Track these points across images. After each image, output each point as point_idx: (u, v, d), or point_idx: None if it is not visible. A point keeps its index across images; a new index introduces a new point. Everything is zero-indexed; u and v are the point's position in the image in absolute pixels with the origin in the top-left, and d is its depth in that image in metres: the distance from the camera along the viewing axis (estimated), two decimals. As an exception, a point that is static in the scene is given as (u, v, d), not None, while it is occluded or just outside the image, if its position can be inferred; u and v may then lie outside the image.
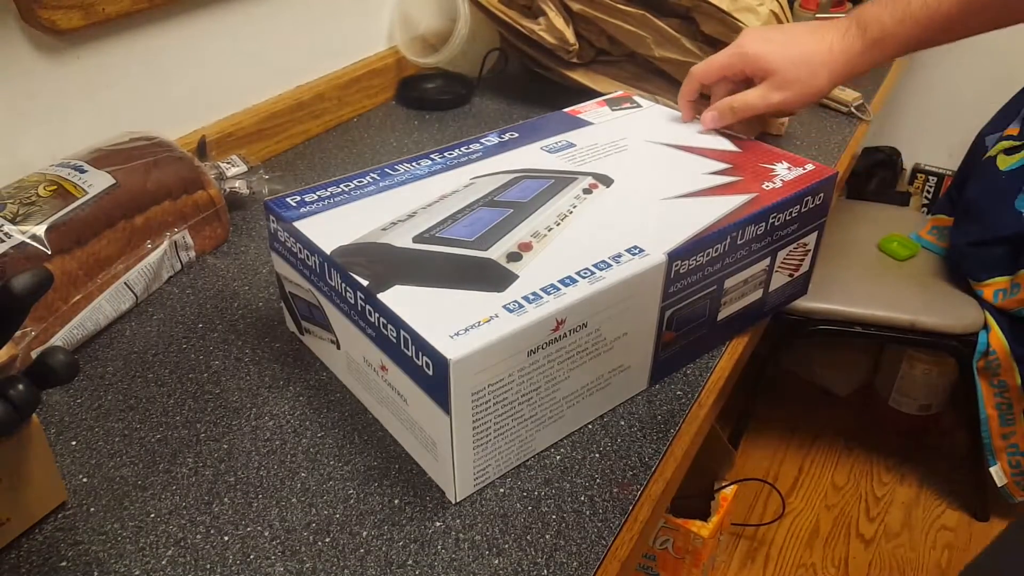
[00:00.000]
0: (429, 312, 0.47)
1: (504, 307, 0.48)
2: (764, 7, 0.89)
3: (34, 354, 0.56)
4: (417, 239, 0.54)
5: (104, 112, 0.77)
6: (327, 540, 0.48)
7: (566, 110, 0.76)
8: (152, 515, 0.50)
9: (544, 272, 0.51)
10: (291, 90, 0.96)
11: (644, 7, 0.91)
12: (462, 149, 0.68)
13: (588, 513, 0.50)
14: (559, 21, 0.96)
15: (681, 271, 0.55)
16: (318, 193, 0.60)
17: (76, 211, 0.62)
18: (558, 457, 0.54)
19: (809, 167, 0.64)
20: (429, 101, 1.06)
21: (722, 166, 0.65)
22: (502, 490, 0.51)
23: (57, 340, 0.60)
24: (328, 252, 0.53)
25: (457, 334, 0.46)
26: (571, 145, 0.68)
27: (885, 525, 1.50)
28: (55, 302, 0.60)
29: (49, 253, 0.60)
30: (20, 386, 0.42)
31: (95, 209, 0.64)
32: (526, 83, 1.11)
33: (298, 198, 0.60)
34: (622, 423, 0.57)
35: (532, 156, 0.66)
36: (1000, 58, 1.87)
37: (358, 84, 1.03)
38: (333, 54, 1.01)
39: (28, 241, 0.59)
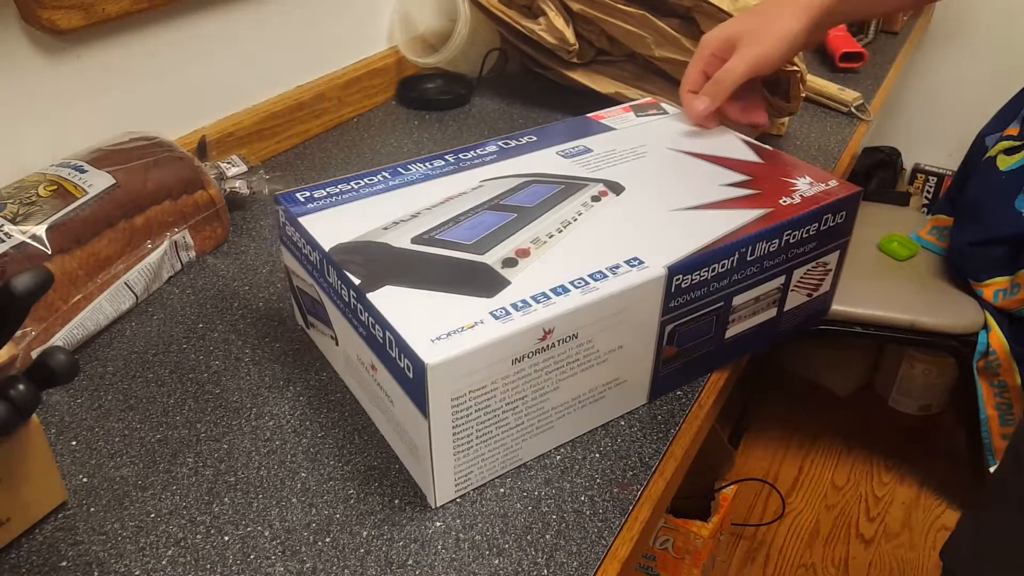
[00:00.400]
0: (415, 314, 0.47)
1: (490, 313, 0.47)
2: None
3: (34, 354, 0.56)
4: (416, 240, 0.54)
5: (104, 112, 0.77)
6: (327, 540, 0.48)
7: (590, 115, 0.74)
8: (152, 515, 0.50)
9: (538, 280, 0.50)
10: (291, 90, 0.96)
11: (644, 7, 0.91)
12: (476, 151, 0.67)
13: (588, 513, 0.50)
14: (559, 21, 0.96)
15: (683, 286, 0.53)
16: (327, 189, 0.60)
17: (76, 211, 0.63)
18: (558, 457, 0.54)
19: (832, 183, 0.61)
20: (429, 101, 1.06)
21: (741, 178, 0.62)
22: (502, 490, 0.51)
23: (57, 340, 0.60)
24: (327, 249, 0.53)
25: (439, 338, 0.45)
26: (588, 150, 0.67)
27: (885, 525, 1.50)
28: (55, 302, 0.60)
29: (49, 253, 0.60)
30: (20, 386, 0.42)
31: (95, 209, 0.64)
32: (526, 83, 1.11)
33: (307, 193, 0.60)
34: (622, 423, 0.57)
35: (547, 160, 0.65)
36: (1000, 59, 1.87)
37: (358, 84, 1.03)
38: (333, 54, 1.01)
39: (28, 241, 0.59)
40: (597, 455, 0.54)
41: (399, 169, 0.63)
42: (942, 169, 2.08)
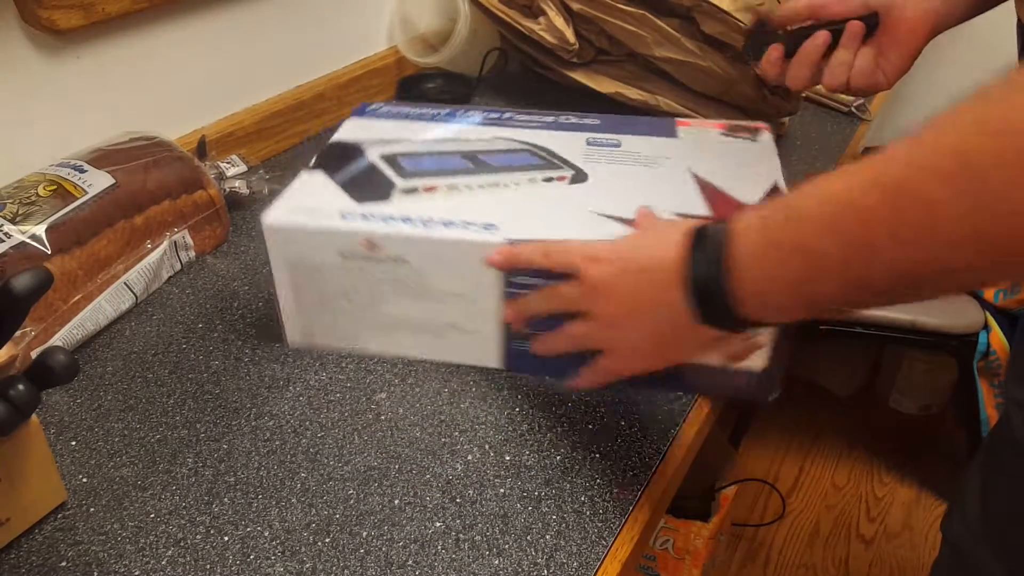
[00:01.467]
0: (312, 193, 0.57)
1: (340, 211, 0.55)
2: (764, 7, 0.89)
3: (34, 354, 0.56)
4: (382, 156, 0.62)
5: (104, 112, 0.77)
6: (327, 540, 0.48)
7: (680, 119, 0.70)
8: (152, 515, 0.50)
9: (408, 209, 0.56)
10: (291, 90, 0.96)
11: (644, 7, 0.91)
12: (529, 116, 0.70)
13: (588, 513, 0.50)
14: (559, 21, 0.96)
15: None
16: (392, 107, 0.71)
17: (76, 211, 0.62)
18: (558, 457, 0.54)
19: None
20: (429, 101, 1.06)
21: (703, 211, 0.56)
22: (502, 490, 0.51)
23: (57, 340, 0.60)
24: (332, 139, 0.64)
25: (294, 210, 0.55)
26: (616, 145, 0.66)
27: (885, 525, 1.50)
28: (55, 302, 0.60)
29: (49, 253, 0.60)
30: (20, 386, 0.42)
31: (95, 209, 0.64)
32: (526, 83, 1.11)
33: (383, 108, 0.70)
34: (622, 423, 0.57)
35: (570, 141, 0.66)
36: (1000, 58, 1.87)
37: (358, 84, 1.03)
38: (333, 54, 1.01)
39: (28, 241, 0.59)
40: (597, 455, 0.54)
41: (457, 111, 0.71)
42: (942, 169, 2.08)
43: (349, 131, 0.67)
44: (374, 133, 0.67)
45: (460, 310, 0.57)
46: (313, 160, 0.59)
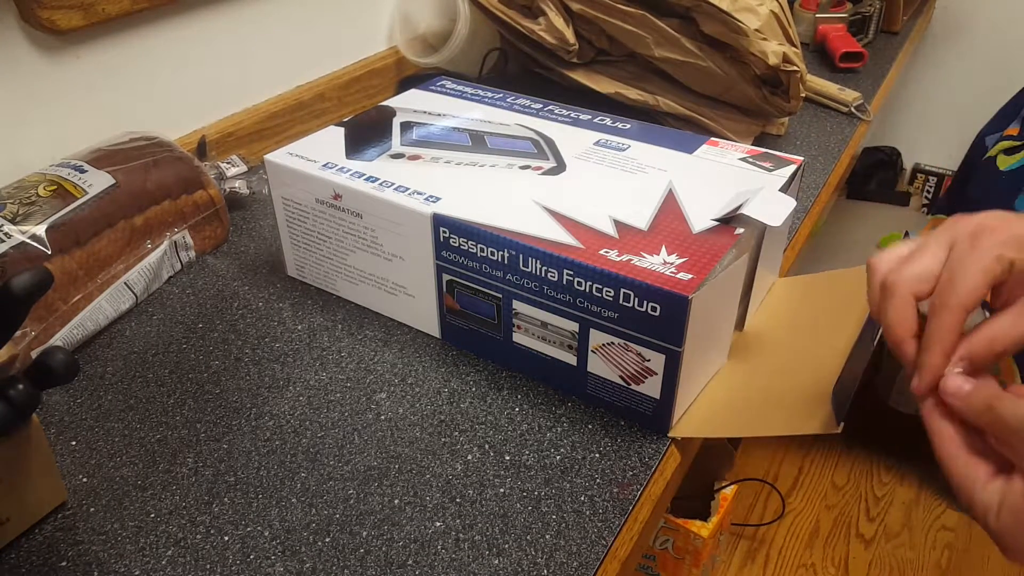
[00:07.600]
0: (320, 142, 0.67)
1: (325, 162, 0.63)
2: (764, 7, 0.89)
3: (34, 354, 0.56)
4: (402, 123, 0.71)
5: (104, 112, 0.77)
6: (327, 540, 0.48)
7: (712, 139, 0.69)
8: (152, 515, 0.50)
9: (384, 170, 0.62)
10: (291, 90, 0.96)
11: (644, 7, 0.91)
12: (562, 111, 0.74)
13: (588, 513, 0.50)
14: (559, 21, 0.96)
15: (452, 243, 0.57)
16: (457, 84, 0.79)
17: (76, 211, 0.63)
18: (558, 457, 0.54)
19: (684, 275, 0.50)
20: (429, 101, 1.06)
21: (642, 226, 0.56)
22: (502, 490, 0.51)
23: (57, 340, 0.60)
24: (383, 103, 0.75)
25: (294, 155, 0.64)
26: (621, 148, 0.67)
27: (885, 525, 1.50)
28: (55, 302, 0.60)
29: (49, 253, 0.60)
30: (20, 386, 0.42)
31: (95, 209, 0.64)
32: (526, 83, 1.11)
33: (450, 84, 0.79)
34: (622, 423, 0.57)
35: (577, 137, 0.70)
36: (1000, 58, 1.87)
37: (358, 84, 1.03)
38: (333, 54, 1.01)
39: (28, 241, 0.59)
40: (597, 455, 0.54)
41: (494, 94, 0.78)
42: (942, 169, 2.08)
43: (402, 99, 0.76)
44: (422, 104, 0.75)
45: (406, 274, 0.62)
46: (346, 120, 0.70)
